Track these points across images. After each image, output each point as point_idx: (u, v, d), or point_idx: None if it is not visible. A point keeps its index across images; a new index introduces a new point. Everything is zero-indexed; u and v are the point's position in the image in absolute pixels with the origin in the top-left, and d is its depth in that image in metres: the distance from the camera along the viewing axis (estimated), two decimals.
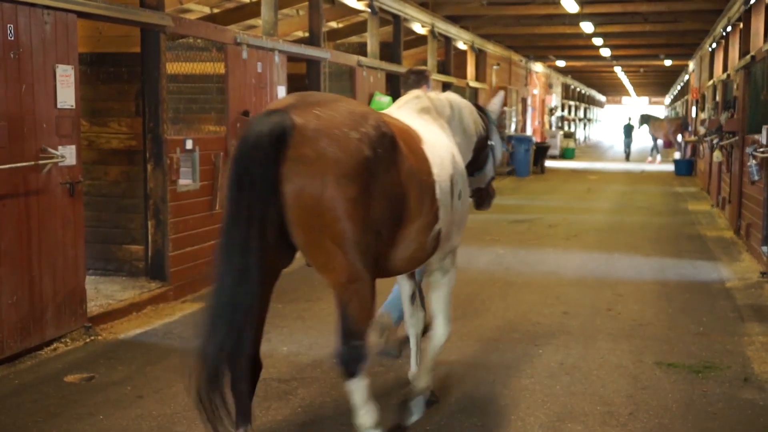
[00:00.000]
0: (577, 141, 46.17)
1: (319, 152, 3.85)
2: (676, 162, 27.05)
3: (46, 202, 6.44)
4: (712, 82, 18.81)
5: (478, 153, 5.73)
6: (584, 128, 56.07)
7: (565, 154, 35.26)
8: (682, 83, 37.62)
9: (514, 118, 26.85)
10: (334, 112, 4.01)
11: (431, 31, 17.77)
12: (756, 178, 9.64)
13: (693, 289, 8.93)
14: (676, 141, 34.62)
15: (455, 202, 4.80)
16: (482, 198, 6.21)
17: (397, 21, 15.75)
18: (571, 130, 44.25)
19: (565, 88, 45.66)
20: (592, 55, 30.65)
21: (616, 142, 50.48)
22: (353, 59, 12.91)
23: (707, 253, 11.23)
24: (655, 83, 53.06)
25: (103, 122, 8.36)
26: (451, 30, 19.41)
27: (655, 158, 33.68)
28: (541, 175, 25.58)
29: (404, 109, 5.00)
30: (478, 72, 22.63)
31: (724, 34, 17.18)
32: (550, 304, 8.18)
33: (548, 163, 28.11)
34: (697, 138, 22.64)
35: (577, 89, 52.03)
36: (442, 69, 19.15)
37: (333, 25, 18.23)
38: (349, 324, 4.07)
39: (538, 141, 29.23)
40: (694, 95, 26.08)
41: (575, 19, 19.90)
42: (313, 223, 3.91)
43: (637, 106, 68.67)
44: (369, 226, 4.00)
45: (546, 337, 6.99)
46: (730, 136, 13.47)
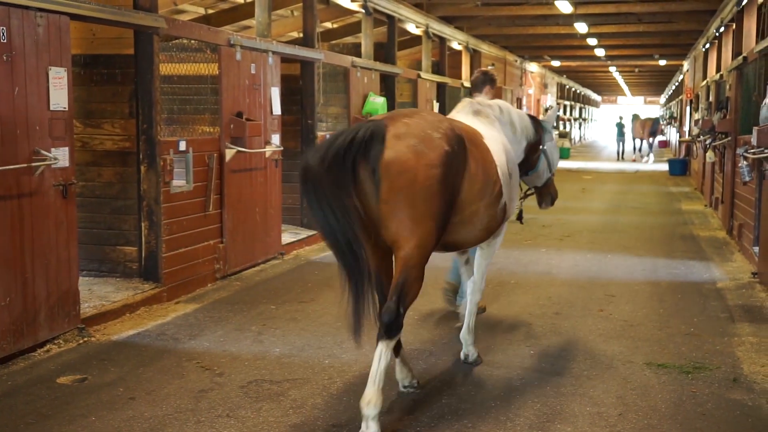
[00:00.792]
0: (573, 141, 46.22)
1: (410, 147, 4.88)
2: (670, 162, 27.12)
3: (39, 204, 6.46)
4: (705, 82, 18.87)
5: (530, 155, 6.74)
6: (579, 128, 56.13)
7: (561, 154, 35.23)
8: (677, 83, 37.70)
9: None
10: (419, 120, 5.11)
11: (426, 32, 17.80)
12: (747, 179, 9.69)
13: (685, 290, 8.97)
14: (649, 142, 35.12)
15: (512, 181, 5.92)
16: (542, 196, 7.21)
17: (392, 22, 15.78)
18: (567, 129, 44.29)
19: (561, 87, 45.72)
20: (587, 55, 30.70)
21: (611, 141, 50.52)
22: (347, 60, 12.94)
23: (700, 254, 11.28)
24: (650, 83, 53.18)
25: (97, 124, 8.37)
26: (446, 30, 19.44)
27: (641, 158, 34.07)
28: None
29: (462, 114, 6.13)
30: (473, 72, 22.63)
31: (717, 34, 17.24)
32: (543, 305, 8.22)
33: None
34: (690, 138, 22.70)
35: (573, 89, 52.08)
36: (437, 69, 19.17)
37: (328, 25, 18.24)
38: (403, 293, 4.97)
39: None
40: (689, 95, 26.17)
41: (569, 20, 19.94)
42: (404, 200, 4.83)
43: (633, 106, 68.76)
44: (445, 209, 5.03)
45: (537, 338, 7.03)
46: (723, 136, 13.53)
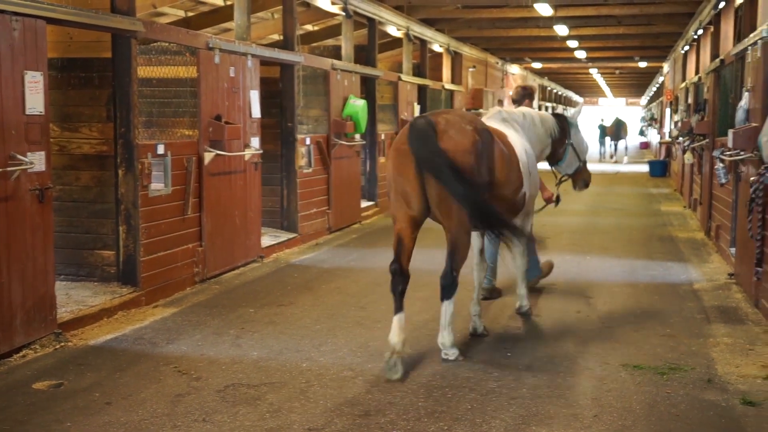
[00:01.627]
0: None
1: (455, 140, 6.16)
2: (650, 163, 27.28)
3: (15, 209, 6.43)
4: (684, 84, 19.01)
5: (557, 148, 8.01)
6: None
7: None
8: (657, 85, 37.93)
9: None
10: (454, 116, 6.50)
11: (407, 34, 17.84)
12: (723, 181, 9.76)
13: (662, 291, 9.04)
14: (616, 144, 35.58)
15: (531, 177, 7.15)
16: (575, 181, 8.49)
17: (372, 24, 15.81)
18: None
19: (542, 89, 45.87)
20: (568, 57, 30.82)
21: (592, 143, 50.67)
22: (327, 62, 12.95)
23: (678, 255, 11.36)
24: (631, 84, 53.44)
25: (74, 127, 8.34)
26: (427, 33, 19.48)
27: (621, 159, 34.62)
28: None
29: (491, 120, 7.28)
30: (454, 74, 22.73)
31: (696, 37, 17.37)
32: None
33: None
34: (670, 139, 22.85)
35: (554, 90, 52.27)
36: (418, 72, 19.21)
37: (308, 28, 18.25)
38: (454, 261, 6.44)
39: None
40: (668, 97, 26.34)
41: (549, 22, 20.03)
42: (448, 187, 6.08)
43: (614, 108, 69.12)
44: (480, 187, 6.24)
45: (515, 340, 7.06)
46: (701, 138, 13.63)
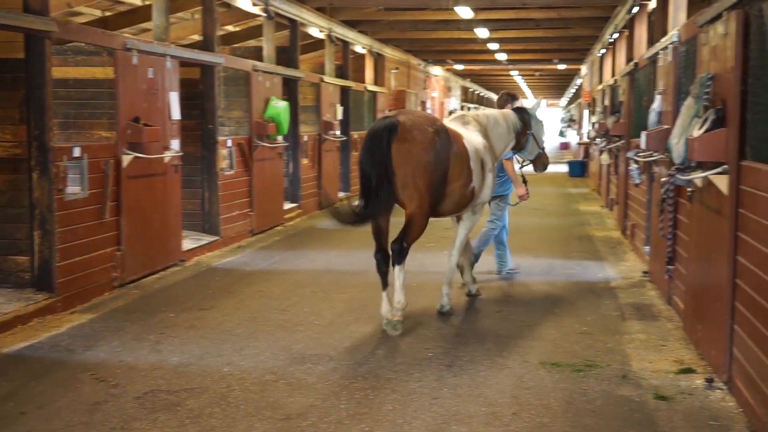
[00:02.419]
0: None
1: (413, 136, 7.18)
2: (570, 163, 27.83)
3: None
4: (601, 86, 19.44)
5: (519, 138, 8.88)
6: None
7: None
8: (576, 87, 38.71)
9: None
10: (417, 117, 7.52)
11: (329, 36, 17.84)
12: (637, 181, 10.03)
13: (580, 289, 9.24)
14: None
15: (486, 173, 8.05)
16: (536, 165, 9.30)
17: (294, 25, 15.76)
18: None
19: (465, 91, 46.37)
20: (489, 59, 31.23)
21: None
22: (249, 64, 12.86)
23: (595, 254, 11.62)
24: (551, 86, 54.40)
25: None
26: (349, 34, 19.51)
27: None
28: None
29: (453, 122, 8.24)
30: (377, 76, 22.80)
31: (612, 40, 17.80)
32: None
33: None
34: (588, 140, 23.35)
35: (477, 92, 52.89)
36: (341, 73, 19.22)
37: (229, 28, 18.11)
38: (407, 235, 7.36)
39: None
40: (586, 98, 26.91)
41: (470, 25, 20.25)
42: (408, 173, 7.18)
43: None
44: (435, 180, 7.31)
45: (436, 340, 7.13)
46: (617, 139, 13.97)
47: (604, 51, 19.96)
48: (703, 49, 6.65)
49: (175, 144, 10.25)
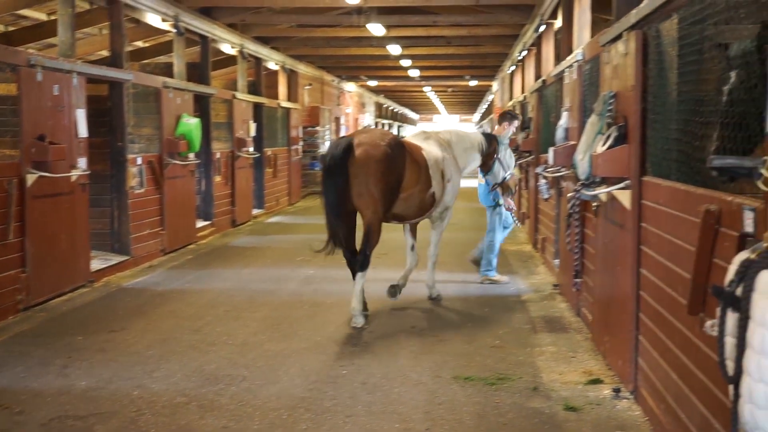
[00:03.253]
0: None
1: (366, 150, 8.09)
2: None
3: None
4: (512, 102, 19.81)
5: (487, 160, 9.95)
6: None
7: None
8: (488, 102, 39.36)
9: (328, 137, 27.17)
10: (373, 134, 8.50)
11: (241, 52, 17.74)
12: (546, 196, 10.24)
13: (492, 303, 9.36)
14: None
15: (445, 182, 9.05)
16: (502, 189, 10.37)
17: (205, 41, 15.63)
18: None
19: (378, 106, 46.65)
20: (402, 76, 31.51)
21: None
22: (159, 80, 12.68)
23: (507, 267, 11.80)
24: (464, 102, 55.22)
25: None
26: (262, 51, 19.44)
27: None
28: None
29: (415, 137, 9.42)
30: (290, 92, 22.76)
31: (521, 58, 18.17)
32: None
33: None
34: None
35: (391, 108, 53.27)
36: (253, 89, 19.13)
37: (139, 44, 17.83)
38: (368, 243, 8.26)
39: None
40: (497, 114, 27.39)
41: (383, 42, 20.42)
42: (362, 184, 8.07)
43: (449, 124, 71.12)
44: (388, 186, 8.19)
45: (350, 357, 7.13)
46: (527, 154, 14.23)
47: (513, 68, 20.37)
48: (606, 68, 6.85)
49: (83, 162, 10.03)
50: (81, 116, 9.99)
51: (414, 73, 29.62)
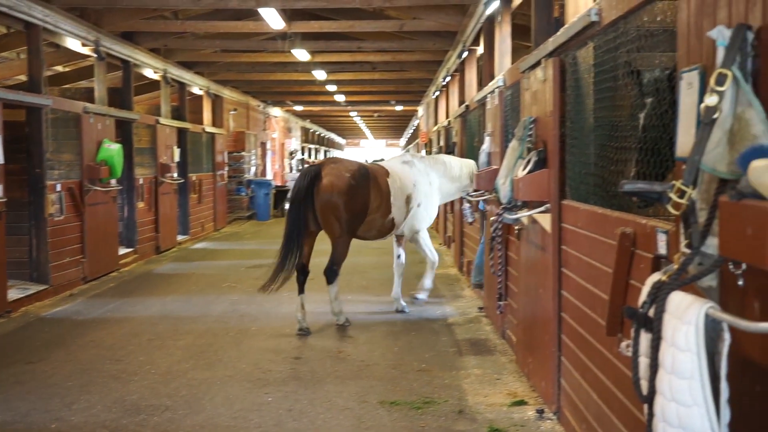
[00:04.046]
0: None
1: (330, 181, 9.01)
2: None
3: None
4: (437, 127, 20.02)
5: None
6: None
7: None
8: (414, 127, 39.69)
9: (254, 163, 27.03)
10: (339, 164, 9.32)
11: (164, 77, 17.56)
12: (470, 220, 10.36)
13: (418, 327, 9.40)
14: None
15: (411, 207, 9.87)
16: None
17: (127, 66, 15.44)
18: None
19: (305, 131, 46.63)
20: (328, 101, 31.60)
21: None
22: (79, 106, 12.47)
23: (433, 291, 11.82)
24: (390, 127, 55.55)
25: None
26: (185, 76, 19.28)
27: None
28: (281, 218, 25.83)
29: (394, 160, 10.49)
30: (215, 117, 22.60)
31: (445, 83, 18.41)
32: (283, 350, 8.28)
33: None
34: None
35: (317, 132, 53.30)
36: (177, 114, 18.94)
37: (59, 69, 17.52)
38: (334, 259, 9.25)
39: (279, 184, 29.61)
40: (423, 139, 27.62)
41: (308, 67, 20.48)
42: (328, 211, 9.03)
43: (376, 149, 71.65)
44: (351, 214, 9.10)
45: (276, 384, 7.07)
46: None
47: (438, 93, 20.61)
48: (526, 94, 6.99)
49: None
50: None
51: (340, 98, 29.73)
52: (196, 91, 21.02)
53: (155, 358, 7.97)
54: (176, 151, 17.48)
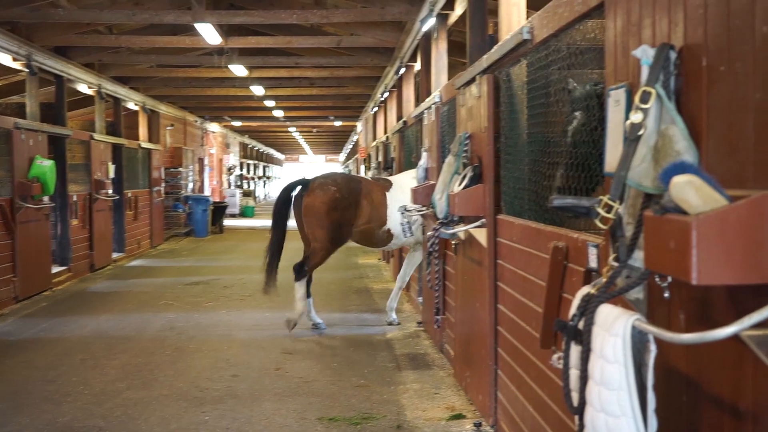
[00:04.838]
0: (257, 199, 46.93)
1: (316, 194, 9.75)
2: None
3: None
4: (375, 142, 20.09)
5: None
6: (264, 186, 57.16)
7: (245, 213, 35.70)
8: (353, 143, 39.77)
9: (191, 179, 26.77)
10: (328, 179, 10.01)
11: (98, 92, 17.31)
12: (408, 235, 10.38)
13: (358, 343, 9.40)
14: None
15: (403, 218, 9.91)
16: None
17: (60, 81, 15.19)
18: (251, 188, 44.92)
19: (243, 147, 46.37)
20: (267, 116, 31.50)
21: None
22: (10, 121, 12.21)
23: (372, 306, 11.88)
24: (329, 142, 55.60)
25: None
26: (120, 91, 19.03)
27: None
28: (219, 234, 25.65)
29: (404, 174, 10.74)
30: (152, 132, 22.32)
31: (383, 99, 18.50)
32: (220, 368, 8.20)
33: (228, 222, 28.29)
34: None
35: (256, 148, 53.04)
36: (112, 130, 18.67)
37: None
38: (309, 261, 9.82)
39: (217, 200, 29.36)
40: (362, 154, 27.71)
41: (245, 82, 20.40)
42: (312, 220, 9.75)
43: (315, 164, 71.58)
44: (335, 225, 9.76)
45: (213, 403, 6.99)
46: None
47: (376, 109, 20.70)
48: (462, 110, 7.06)
49: None
50: None
51: (278, 113, 29.66)
52: (131, 106, 20.76)
53: (89, 378, 7.83)
54: (111, 168, 17.22)
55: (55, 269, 14.25)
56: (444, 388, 7.38)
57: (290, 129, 41.19)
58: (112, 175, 17.23)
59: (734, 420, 2.35)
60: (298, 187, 10.08)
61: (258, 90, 21.63)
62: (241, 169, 43.83)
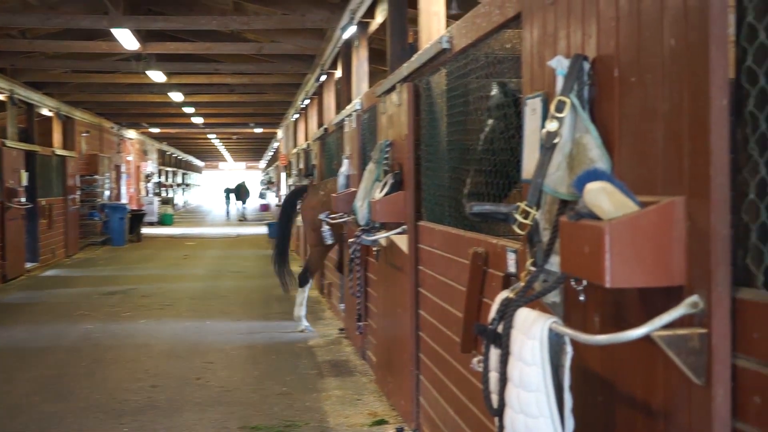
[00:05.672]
0: (176, 206, 46.27)
1: (309, 200, 10.53)
2: (269, 225, 28.23)
3: None
4: (296, 149, 20.04)
5: None
6: (183, 193, 56.41)
7: (164, 221, 35.12)
8: (274, 150, 39.60)
9: (108, 186, 26.24)
10: (322, 184, 10.83)
11: (11, 98, 16.85)
12: (330, 242, 10.39)
13: (279, 350, 9.35)
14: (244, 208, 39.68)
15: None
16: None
17: None
18: (169, 195, 44.29)
19: (162, 154, 45.68)
20: (186, 123, 31.13)
21: (215, 206, 51.59)
22: None
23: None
24: (250, 149, 55.23)
25: None
26: (34, 96, 18.56)
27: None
28: (137, 243, 25.18)
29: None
30: (66, 139, 21.82)
31: (304, 106, 18.48)
32: (139, 379, 8.06)
33: (146, 231, 27.79)
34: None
35: (174, 155, 52.32)
36: (25, 137, 18.19)
37: None
38: (309, 267, 10.44)
39: (134, 208, 28.83)
40: (283, 161, 27.59)
41: (164, 89, 20.13)
42: (307, 227, 10.52)
43: (235, 171, 71.02)
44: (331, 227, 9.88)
45: (132, 414, 6.87)
46: None
47: (297, 116, 20.67)
48: (383, 117, 7.11)
49: None
50: None
51: (198, 120, 29.33)
52: (45, 112, 20.26)
53: (1, 392, 7.61)
54: (24, 175, 16.76)
55: None
56: (366, 394, 7.41)
57: (210, 136, 40.81)
58: (25, 182, 16.78)
59: (647, 418, 2.44)
60: (300, 189, 11.17)
61: (177, 96, 21.37)
62: (160, 177, 43.16)
